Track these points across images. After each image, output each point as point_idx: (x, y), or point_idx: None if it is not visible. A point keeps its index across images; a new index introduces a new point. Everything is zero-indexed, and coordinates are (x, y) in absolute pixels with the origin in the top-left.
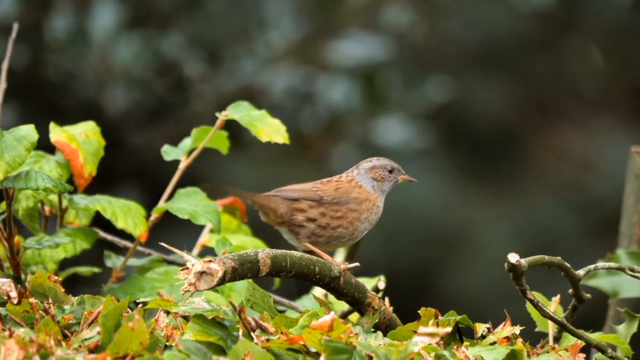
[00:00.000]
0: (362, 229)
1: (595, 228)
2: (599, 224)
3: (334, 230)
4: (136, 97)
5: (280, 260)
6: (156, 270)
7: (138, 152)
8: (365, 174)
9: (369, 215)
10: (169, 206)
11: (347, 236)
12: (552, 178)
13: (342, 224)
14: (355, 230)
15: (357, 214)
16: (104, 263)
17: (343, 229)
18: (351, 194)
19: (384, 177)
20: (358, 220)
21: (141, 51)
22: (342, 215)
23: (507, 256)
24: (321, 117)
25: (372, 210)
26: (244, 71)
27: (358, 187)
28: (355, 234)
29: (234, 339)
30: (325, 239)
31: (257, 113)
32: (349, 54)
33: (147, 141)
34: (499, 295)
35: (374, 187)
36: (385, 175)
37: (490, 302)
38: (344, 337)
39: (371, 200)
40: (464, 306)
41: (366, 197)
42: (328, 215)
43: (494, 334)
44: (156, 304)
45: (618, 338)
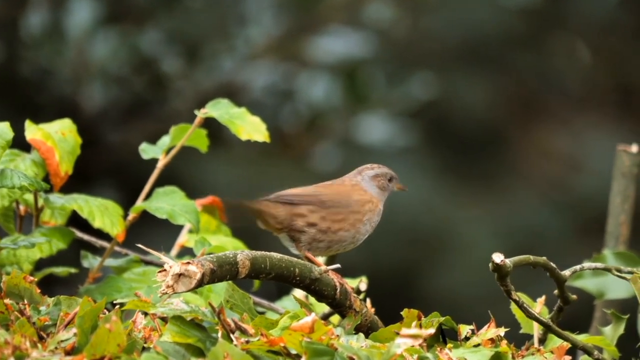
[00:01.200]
0: (363, 232)
1: (581, 228)
2: (585, 224)
3: (335, 234)
4: (113, 94)
5: (260, 262)
6: (134, 271)
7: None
8: (370, 181)
9: (372, 217)
10: (147, 205)
11: (348, 239)
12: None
13: (343, 226)
14: (357, 232)
15: (359, 216)
16: (80, 263)
17: (344, 232)
18: (353, 196)
19: (385, 186)
20: (360, 222)
21: (118, 47)
22: (343, 218)
23: (492, 256)
24: (302, 114)
25: (374, 212)
26: (223, 68)
27: (362, 191)
28: (357, 236)
29: (213, 341)
30: (326, 244)
31: (236, 111)
32: (330, 50)
33: (124, 139)
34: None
35: (378, 194)
36: (385, 184)
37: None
38: (325, 338)
39: (374, 202)
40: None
41: (369, 199)
42: (329, 219)
43: (478, 336)
44: (134, 305)
45: (604, 340)
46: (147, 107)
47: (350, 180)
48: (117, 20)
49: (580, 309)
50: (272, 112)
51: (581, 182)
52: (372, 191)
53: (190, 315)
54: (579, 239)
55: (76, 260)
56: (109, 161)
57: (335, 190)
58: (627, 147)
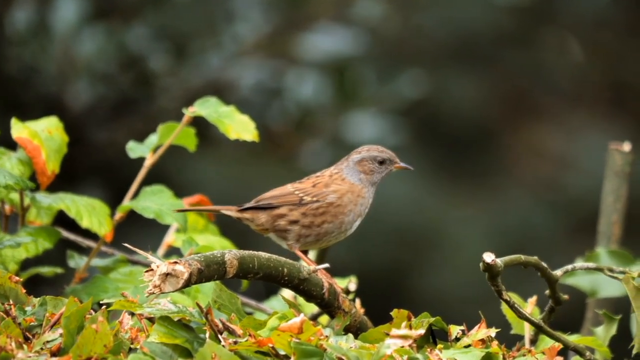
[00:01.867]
0: (349, 221)
1: (573, 227)
2: (577, 223)
3: (320, 227)
4: (100, 92)
5: (248, 262)
6: (120, 271)
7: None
8: (354, 167)
9: (354, 207)
10: (134, 205)
11: (335, 230)
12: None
13: (326, 219)
14: (342, 223)
15: (340, 208)
16: (66, 263)
17: (329, 224)
18: (330, 187)
19: (373, 169)
20: (342, 214)
21: (105, 44)
22: (323, 211)
23: (483, 256)
24: (291, 113)
25: (356, 202)
26: (211, 65)
27: (340, 180)
28: (343, 227)
29: (201, 342)
30: (314, 237)
31: (225, 109)
32: (319, 47)
33: (111, 137)
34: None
35: (361, 180)
36: (374, 167)
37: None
38: (313, 339)
39: (355, 192)
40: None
41: (348, 189)
42: (309, 214)
43: (469, 337)
44: (120, 305)
45: (596, 340)
46: (134, 105)
47: (332, 170)
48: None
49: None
50: (260, 111)
51: (573, 181)
52: (353, 179)
53: (177, 316)
54: (570, 239)
55: (62, 260)
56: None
57: (312, 183)
58: (620, 145)
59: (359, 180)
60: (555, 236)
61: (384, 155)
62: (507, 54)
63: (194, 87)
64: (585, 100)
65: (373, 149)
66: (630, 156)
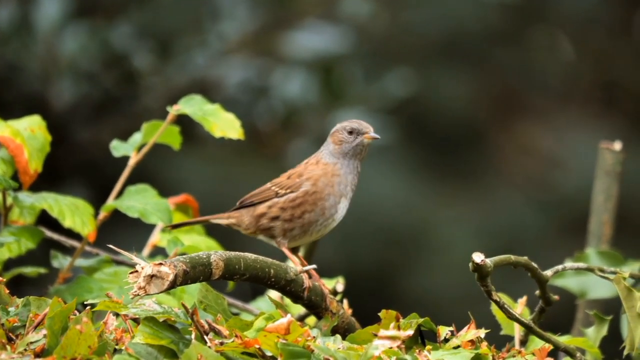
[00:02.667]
0: (330, 205)
1: (563, 227)
2: (567, 223)
3: (302, 218)
4: (83, 90)
5: (234, 263)
6: (105, 271)
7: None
8: (328, 141)
9: (332, 190)
10: (118, 204)
11: (320, 218)
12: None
13: (305, 209)
14: (323, 209)
15: (317, 194)
16: (50, 263)
17: (310, 213)
18: (303, 176)
19: (343, 139)
20: (321, 199)
21: (88, 42)
22: (301, 201)
23: (472, 256)
24: (277, 111)
25: (332, 183)
26: (196, 63)
27: (314, 165)
28: (327, 212)
29: (186, 343)
30: (300, 230)
31: (210, 107)
32: (306, 45)
33: (95, 136)
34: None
35: (332, 154)
36: (343, 137)
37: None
38: (301, 340)
39: (328, 173)
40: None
41: (322, 172)
42: (288, 208)
43: (458, 337)
44: (105, 305)
45: (587, 341)
46: (118, 104)
47: (310, 157)
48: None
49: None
50: (246, 109)
51: (563, 181)
52: (328, 157)
53: (163, 317)
54: (560, 239)
55: (46, 260)
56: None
57: (287, 175)
58: (610, 144)
59: (332, 157)
60: (545, 236)
61: (354, 125)
62: (496, 52)
63: (178, 86)
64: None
65: (346, 121)
66: (621, 155)
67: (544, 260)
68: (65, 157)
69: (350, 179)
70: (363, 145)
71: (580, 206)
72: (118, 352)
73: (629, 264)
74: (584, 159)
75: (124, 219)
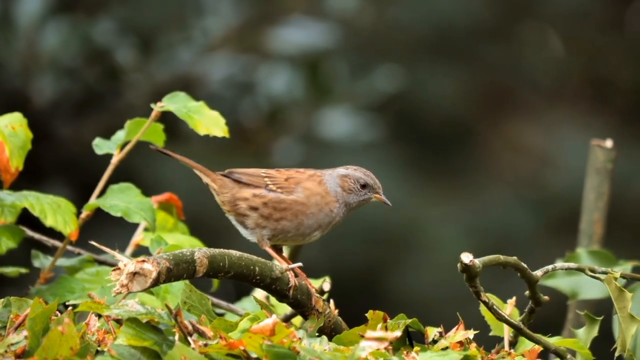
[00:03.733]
0: (308, 225)
1: (554, 226)
2: (558, 222)
3: (277, 223)
4: (65, 86)
5: (218, 260)
6: (87, 271)
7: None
8: (336, 178)
9: (318, 213)
10: (101, 203)
11: (292, 230)
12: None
13: (285, 216)
14: (300, 224)
15: (303, 207)
16: (31, 263)
17: (287, 222)
18: (301, 184)
19: (353, 189)
20: (304, 214)
21: (70, 38)
22: (286, 207)
23: (460, 256)
24: (262, 108)
25: (322, 209)
26: (180, 60)
27: (317, 182)
28: (302, 229)
29: (170, 344)
30: (270, 231)
31: (194, 104)
32: (291, 41)
33: (77, 134)
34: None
35: (337, 193)
36: (354, 188)
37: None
38: (286, 341)
39: (325, 199)
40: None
41: (320, 192)
42: (271, 206)
43: (446, 339)
44: (87, 306)
45: (578, 343)
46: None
47: (314, 172)
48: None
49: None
50: (231, 106)
51: (553, 179)
52: (331, 188)
53: (146, 317)
54: (551, 238)
55: (27, 260)
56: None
57: (286, 175)
58: (601, 141)
59: (334, 193)
60: (535, 235)
61: (369, 180)
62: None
63: (162, 82)
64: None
65: (361, 171)
66: (613, 153)
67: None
68: (46, 154)
69: (336, 221)
70: (368, 202)
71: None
72: (100, 354)
73: (621, 264)
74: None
75: (106, 218)
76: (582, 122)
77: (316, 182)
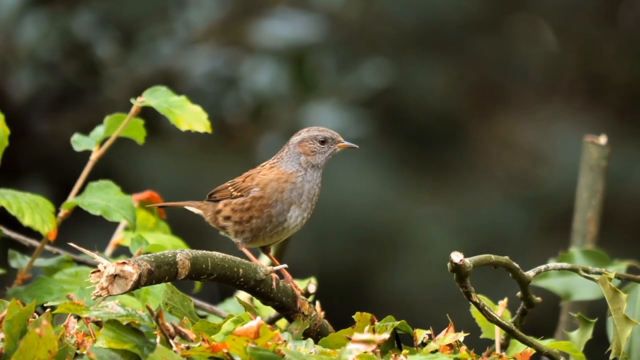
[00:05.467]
0: (278, 213)
1: (546, 225)
2: (550, 221)
3: (250, 223)
4: (43, 81)
5: (201, 262)
6: (65, 272)
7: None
8: (294, 150)
9: (280, 196)
10: (80, 201)
11: (267, 225)
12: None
13: (252, 214)
14: (270, 217)
15: (264, 200)
16: (8, 263)
17: (257, 219)
18: (255, 179)
19: (315, 149)
20: (267, 206)
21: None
22: (249, 206)
23: (451, 255)
24: (246, 103)
25: (283, 189)
26: (161, 53)
27: (266, 170)
28: (274, 220)
29: (151, 347)
30: (250, 234)
31: (176, 99)
32: (276, 34)
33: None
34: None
35: (301, 164)
36: (315, 147)
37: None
38: (271, 344)
39: (281, 179)
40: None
41: (273, 177)
42: (238, 210)
43: (436, 341)
44: (66, 308)
45: (571, 345)
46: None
47: (269, 161)
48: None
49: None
50: (214, 101)
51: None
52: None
53: (126, 319)
54: (543, 237)
55: (4, 260)
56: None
57: (244, 177)
58: (595, 138)
59: (297, 165)
60: (527, 235)
61: (325, 134)
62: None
63: (143, 77)
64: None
65: (313, 129)
66: (607, 149)
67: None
68: (24, 151)
69: (307, 189)
70: (334, 155)
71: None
72: (79, 357)
73: (615, 264)
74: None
75: (85, 217)
76: (576, 118)
77: (268, 169)
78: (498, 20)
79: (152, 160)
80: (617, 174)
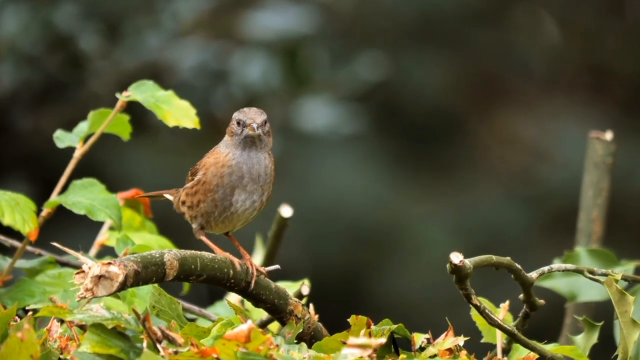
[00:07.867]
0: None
1: (549, 225)
2: (553, 220)
3: (199, 208)
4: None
5: (190, 263)
6: (48, 273)
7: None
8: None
9: (220, 180)
10: (63, 200)
11: (214, 210)
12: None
13: (200, 198)
14: (214, 200)
15: (207, 185)
16: None
17: (204, 203)
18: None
19: (234, 131)
20: (210, 191)
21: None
22: (196, 190)
23: (450, 256)
24: (236, 98)
25: (222, 174)
26: (147, 46)
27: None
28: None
29: (138, 351)
30: (203, 219)
31: (163, 94)
32: (267, 26)
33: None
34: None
35: (226, 145)
36: (235, 129)
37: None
38: (262, 349)
39: (218, 163)
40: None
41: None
42: (190, 194)
43: (435, 346)
44: (48, 311)
45: (576, 350)
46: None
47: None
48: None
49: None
50: (202, 95)
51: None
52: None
53: (111, 323)
54: (546, 237)
55: None
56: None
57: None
58: (600, 134)
59: (228, 147)
60: (529, 234)
61: (240, 115)
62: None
63: (128, 70)
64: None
65: (240, 110)
66: (612, 146)
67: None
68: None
69: (246, 170)
70: (252, 137)
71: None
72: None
73: (622, 264)
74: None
75: (69, 216)
76: (580, 113)
77: (211, 152)
78: (498, 11)
79: (138, 158)
80: (623, 171)
